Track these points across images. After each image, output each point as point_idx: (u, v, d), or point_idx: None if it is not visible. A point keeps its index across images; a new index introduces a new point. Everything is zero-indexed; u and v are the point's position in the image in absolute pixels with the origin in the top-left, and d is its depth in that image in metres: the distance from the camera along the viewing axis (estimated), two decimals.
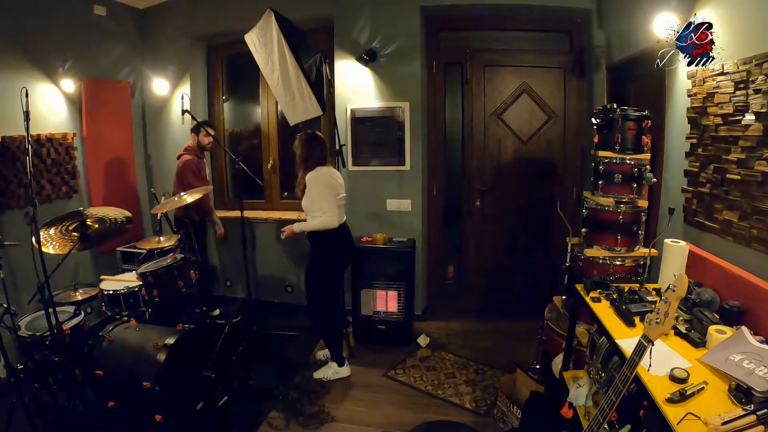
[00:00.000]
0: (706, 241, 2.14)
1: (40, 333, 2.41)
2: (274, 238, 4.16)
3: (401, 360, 3.27)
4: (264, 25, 3.07)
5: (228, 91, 4.43)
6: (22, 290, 2.83)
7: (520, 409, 2.42)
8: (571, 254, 2.54)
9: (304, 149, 2.83)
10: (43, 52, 3.36)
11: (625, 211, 2.27)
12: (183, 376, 2.39)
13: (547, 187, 3.83)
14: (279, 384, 2.94)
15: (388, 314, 3.48)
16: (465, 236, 4.03)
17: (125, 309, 2.96)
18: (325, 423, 2.61)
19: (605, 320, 1.78)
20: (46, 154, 3.37)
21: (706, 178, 2.11)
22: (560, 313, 2.63)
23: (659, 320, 1.26)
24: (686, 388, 1.28)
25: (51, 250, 2.34)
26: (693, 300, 1.81)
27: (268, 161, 4.30)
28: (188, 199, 2.97)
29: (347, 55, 3.67)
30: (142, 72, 4.23)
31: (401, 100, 3.65)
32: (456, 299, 4.13)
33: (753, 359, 1.35)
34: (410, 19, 3.56)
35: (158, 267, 2.86)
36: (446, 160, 3.97)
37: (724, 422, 1.12)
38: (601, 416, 1.36)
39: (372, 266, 3.43)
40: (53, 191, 3.44)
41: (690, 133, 2.24)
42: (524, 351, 3.13)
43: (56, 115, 3.52)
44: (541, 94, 3.75)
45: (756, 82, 1.75)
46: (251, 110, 4.45)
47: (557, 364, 2.40)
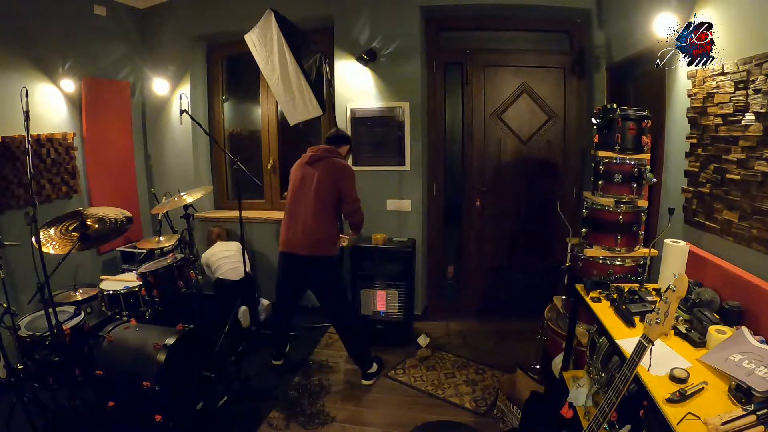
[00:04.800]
0: (706, 241, 2.14)
1: (40, 333, 2.41)
2: (274, 238, 4.16)
3: (401, 360, 3.27)
4: (264, 25, 3.07)
5: (228, 91, 4.42)
6: (22, 290, 2.83)
7: (520, 409, 2.42)
8: (571, 254, 2.54)
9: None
10: (43, 52, 3.35)
11: (625, 211, 2.27)
12: (183, 376, 2.39)
13: (547, 187, 3.83)
14: (279, 384, 2.94)
15: (388, 314, 3.48)
16: (465, 236, 4.03)
17: (125, 309, 2.96)
18: (326, 423, 2.60)
19: (605, 320, 1.78)
20: (46, 154, 3.36)
21: (706, 178, 2.11)
22: (560, 313, 2.63)
23: (659, 320, 1.26)
24: (686, 388, 1.28)
25: (51, 250, 2.34)
26: (693, 300, 1.81)
27: (268, 161, 4.30)
28: (188, 199, 2.97)
29: (347, 55, 3.67)
30: (142, 72, 4.23)
31: (401, 100, 3.65)
32: (456, 299, 4.13)
33: (753, 359, 1.35)
34: (410, 19, 3.56)
35: (158, 267, 2.86)
36: (446, 160, 3.97)
37: (724, 422, 1.12)
38: (601, 416, 1.36)
39: (372, 266, 3.44)
40: (53, 191, 3.44)
41: (690, 133, 2.24)
42: (524, 351, 3.13)
43: (56, 115, 3.52)
44: (541, 94, 3.75)
45: (756, 82, 1.75)
46: (251, 110, 4.45)
47: (557, 364, 2.40)
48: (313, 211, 2.81)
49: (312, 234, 2.81)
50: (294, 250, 2.86)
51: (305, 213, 2.84)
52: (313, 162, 2.89)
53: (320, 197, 2.82)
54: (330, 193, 2.83)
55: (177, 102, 4.02)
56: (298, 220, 2.85)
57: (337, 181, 2.83)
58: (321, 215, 2.82)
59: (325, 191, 2.82)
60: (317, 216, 2.81)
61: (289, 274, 2.98)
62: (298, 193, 2.89)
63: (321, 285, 2.97)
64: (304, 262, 2.85)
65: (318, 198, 2.82)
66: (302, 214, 2.85)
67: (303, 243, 2.83)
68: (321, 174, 2.84)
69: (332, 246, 2.90)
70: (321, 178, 2.83)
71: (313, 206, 2.82)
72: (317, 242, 2.82)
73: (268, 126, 4.26)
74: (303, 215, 2.84)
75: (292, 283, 3.02)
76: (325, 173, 2.84)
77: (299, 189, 2.90)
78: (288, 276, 2.99)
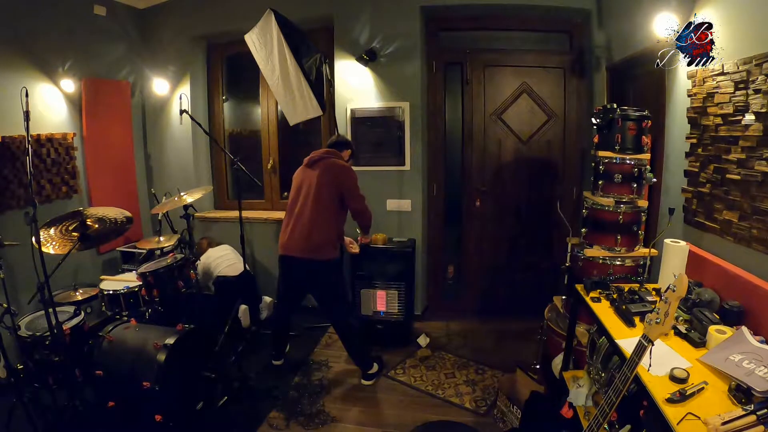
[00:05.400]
0: (706, 241, 2.14)
1: (40, 333, 2.41)
2: (274, 238, 4.17)
3: (401, 360, 3.27)
4: (264, 25, 3.07)
5: (228, 91, 4.42)
6: (22, 290, 2.83)
7: (520, 409, 2.42)
8: (571, 254, 2.54)
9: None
10: (43, 52, 3.35)
11: (625, 211, 2.27)
12: (183, 376, 2.39)
13: (547, 187, 3.83)
14: (279, 384, 2.94)
15: (387, 314, 3.48)
16: (465, 236, 4.03)
17: (125, 309, 2.96)
18: (326, 423, 2.60)
19: (605, 320, 1.78)
20: (46, 154, 3.36)
21: (706, 178, 2.11)
22: (560, 313, 2.63)
23: (659, 320, 1.26)
24: (686, 388, 1.28)
25: (51, 250, 2.34)
26: (693, 300, 1.81)
27: (268, 161, 4.30)
28: (188, 199, 2.97)
29: (347, 55, 3.67)
30: (142, 72, 4.23)
31: (401, 100, 3.65)
32: (456, 299, 4.13)
33: (753, 359, 1.35)
34: (410, 19, 3.56)
35: (158, 267, 2.86)
36: (446, 160, 3.97)
37: (724, 422, 1.13)
38: (601, 416, 1.36)
39: (372, 266, 3.43)
40: (53, 191, 3.44)
41: (690, 133, 2.24)
42: (524, 351, 3.14)
43: (56, 115, 3.52)
44: (541, 94, 3.75)
45: (756, 82, 1.75)
46: (251, 110, 4.45)
47: (557, 364, 2.40)
48: (312, 215, 2.78)
49: (309, 238, 2.78)
50: (291, 253, 2.84)
51: (303, 216, 2.81)
52: (312, 164, 2.88)
53: (319, 199, 2.79)
54: (330, 195, 2.79)
55: (177, 102, 4.02)
56: (296, 224, 2.83)
57: (336, 181, 2.80)
58: (320, 219, 2.79)
59: (324, 193, 2.79)
60: (315, 220, 2.78)
61: (287, 277, 2.98)
62: (298, 196, 2.88)
63: (319, 288, 2.96)
64: (302, 265, 2.83)
65: (317, 200, 2.79)
66: (300, 217, 2.82)
67: (300, 246, 2.80)
68: (320, 175, 2.81)
69: (331, 250, 2.86)
70: (320, 179, 2.80)
71: (311, 209, 2.79)
72: (315, 246, 2.79)
73: (268, 126, 4.26)
74: (301, 218, 2.82)
75: (291, 286, 3.02)
76: (324, 174, 2.81)
77: (298, 192, 2.89)
78: (287, 279, 2.99)
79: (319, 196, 2.79)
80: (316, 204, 2.79)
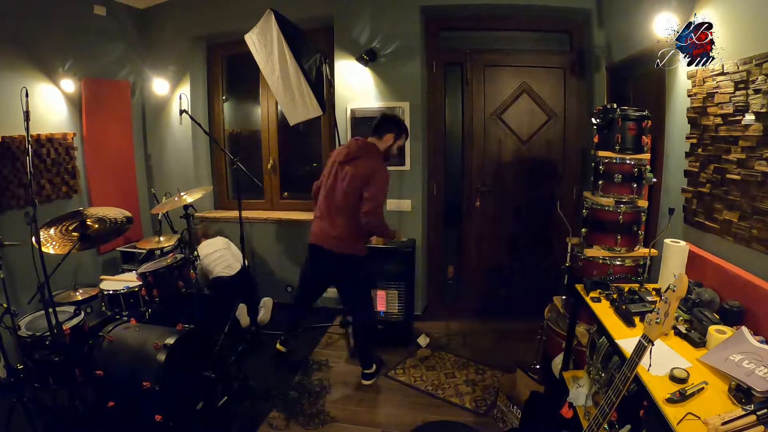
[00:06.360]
0: (706, 241, 2.14)
1: (40, 333, 2.42)
2: (274, 238, 4.17)
3: (401, 360, 3.27)
4: (264, 25, 3.07)
5: (228, 91, 4.43)
6: (22, 290, 2.83)
7: (520, 409, 2.42)
8: (571, 254, 2.53)
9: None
10: (43, 52, 3.35)
11: (625, 211, 2.27)
12: (183, 376, 2.39)
13: (547, 187, 3.83)
14: (279, 384, 2.94)
15: (388, 314, 3.48)
16: (465, 236, 4.03)
17: (125, 309, 2.96)
18: (326, 423, 2.60)
19: (605, 320, 1.78)
20: (46, 154, 3.36)
21: (706, 178, 2.11)
22: (560, 313, 2.63)
23: (659, 320, 1.26)
24: (686, 388, 1.28)
25: (51, 250, 2.33)
26: (693, 300, 1.81)
27: (268, 161, 4.30)
28: (188, 199, 2.97)
29: (347, 55, 3.67)
30: (142, 72, 4.23)
31: (401, 100, 3.65)
32: (456, 299, 4.13)
33: (753, 359, 1.35)
34: (410, 19, 3.56)
35: (158, 267, 2.86)
36: (446, 160, 3.97)
37: (724, 422, 1.12)
38: (601, 416, 1.36)
39: (372, 266, 3.43)
40: (53, 191, 3.44)
41: (690, 133, 2.24)
42: (524, 351, 3.13)
43: (56, 115, 3.52)
44: (541, 94, 3.75)
45: (756, 82, 1.75)
46: (251, 110, 4.45)
47: (557, 364, 2.40)
48: (338, 210, 2.81)
49: (336, 232, 2.81)
50: (321, 243, 2.88)
51: (332, 210, 2.84)
52: (348, 161, 2.81)
53: (347, 197, 2.77)
54: (356, 195, 2.76)
55: (177, 102, 4.02)
56: (325, 216, 2.87)
57: (364, 182, 2.74)
58: (345, 215, 2.79)
59: (352, 192, 2.76)
60: (341, 215, 2.80)
61: (315, 266, 3.00)
62: (328, 189, 2.88)
63: (344, 281, 3.01)
64: (330, 256, 2.86)
65: (345, 198, 2.78)
66: (329, 211, 2.85)
67: (329, 239, 2.84)
68: (353, 174, 2.76)
69: (358, 245, 2.88)
70: (351, 179, 2.75)
71: (338, 205, 2.81)
72: (342, 241, 2.82)
73: (268, 126, 4.26)
74: (330, 212, 2.85)
75: (317, 275, 3.05)
76: (355, 174, 2.75)
77: (329, 185, 2.87)
78: (315, 268, 3.01)
79: (348, 195, 2.76)
80: (344, 202, 2.79)
